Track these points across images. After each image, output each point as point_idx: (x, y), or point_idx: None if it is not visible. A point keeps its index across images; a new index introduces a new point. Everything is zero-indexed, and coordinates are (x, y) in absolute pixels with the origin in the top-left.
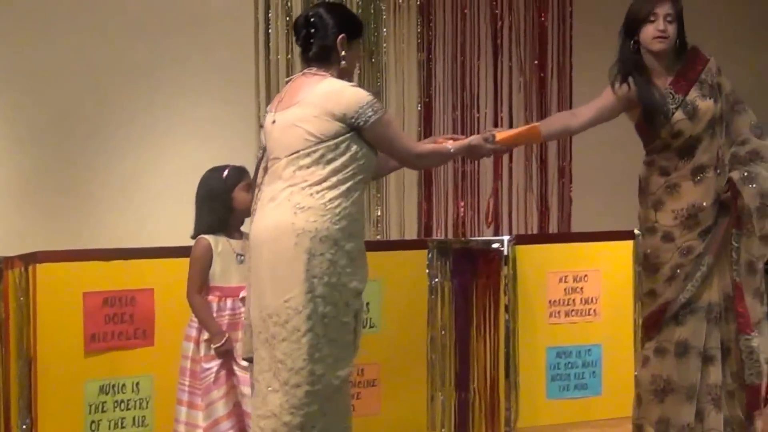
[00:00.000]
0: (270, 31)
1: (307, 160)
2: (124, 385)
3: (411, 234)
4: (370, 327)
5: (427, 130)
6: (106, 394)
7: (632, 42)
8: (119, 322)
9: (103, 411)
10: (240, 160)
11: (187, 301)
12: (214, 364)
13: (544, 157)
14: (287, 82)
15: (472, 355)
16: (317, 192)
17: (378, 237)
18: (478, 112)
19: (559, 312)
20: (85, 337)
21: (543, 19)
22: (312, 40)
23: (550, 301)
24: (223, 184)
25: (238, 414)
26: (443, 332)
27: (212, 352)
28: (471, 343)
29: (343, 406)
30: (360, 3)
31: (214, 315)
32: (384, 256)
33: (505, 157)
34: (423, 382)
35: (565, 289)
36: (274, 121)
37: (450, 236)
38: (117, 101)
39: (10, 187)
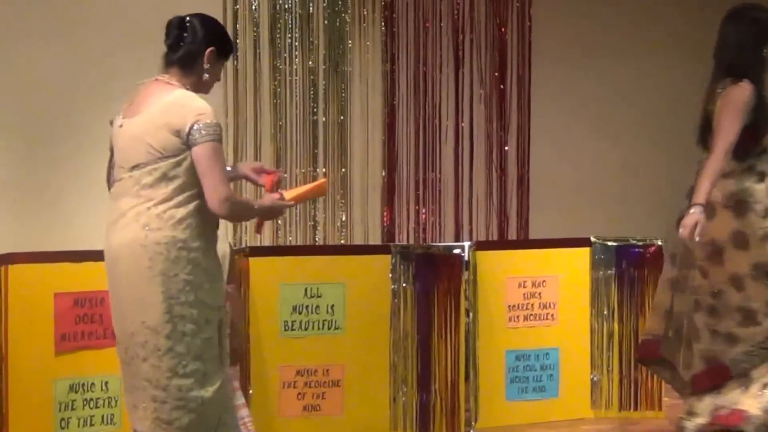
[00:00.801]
0: (238, 41)
1: (149, 179)
2: (93, 383)
3: (374, 239)
4: (335, 329)
5: (390, 138)
6: (76, 392)
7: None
8: (89, 323)
9: (72, 409)
10: None
11: None
12: None
13: (504, 166)
14: (139, 85)
15: (433, 358)
16: (164, 212)
17: (342, 241)
18: (440, 121)
19: (518, 316)
20: (56, 336)
21: (503, 32)
22: (181, 44)
23: (509, 306)
24: None
25: None
26: (405, 335)
27: None
28: (432, 346)
29: (217, 417)
30: (326, 14)
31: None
32: (348, 260)
33: (466, 166)
34: (386, 383)
35: (523, 294)
36: (121, 126)
37: (412, 241)
38: (89, 105)
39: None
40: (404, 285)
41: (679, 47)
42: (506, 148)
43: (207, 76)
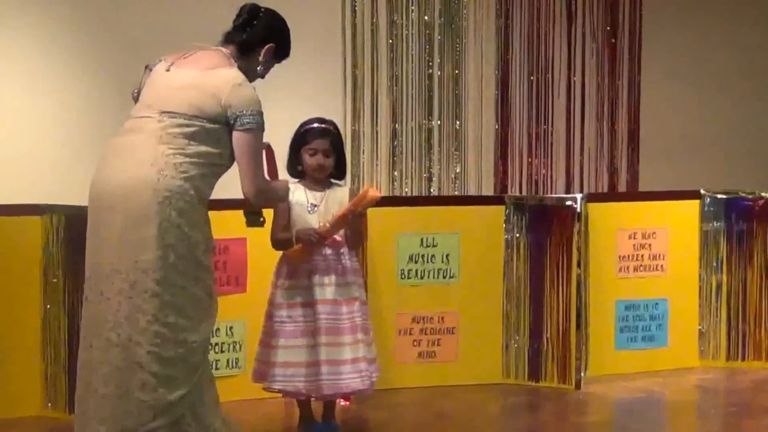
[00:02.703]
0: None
1: (177, 130)
2: (218, 329)
3: (487, 190)
4: (450, 277)
5: (504, 92)
6: None
7: None
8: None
9: None
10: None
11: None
12: (282, 313)
13: (614, 119)
14: (196, 46)
15: (545, 307)
16: (180, 164)
17: (456, 192)
18: (553, 76)
19: (628, 267)
20: None
21: None
22: (248, 29)
23: (619, 257)
24: (294, 141)
25: (307, 364)
26: (518, 284)
27: (285, 300)
28: (544, 295)
29: (189, 372)
30: None
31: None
32: (463, 210)
33: (577, 119)
34: (499, 331)
35: (634, 246)
36: (168, 70)
37: (523, 193)
38: None
39: (95, 140)
40: (517, 235)
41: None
42: (617, 101)
43: (261, 69)
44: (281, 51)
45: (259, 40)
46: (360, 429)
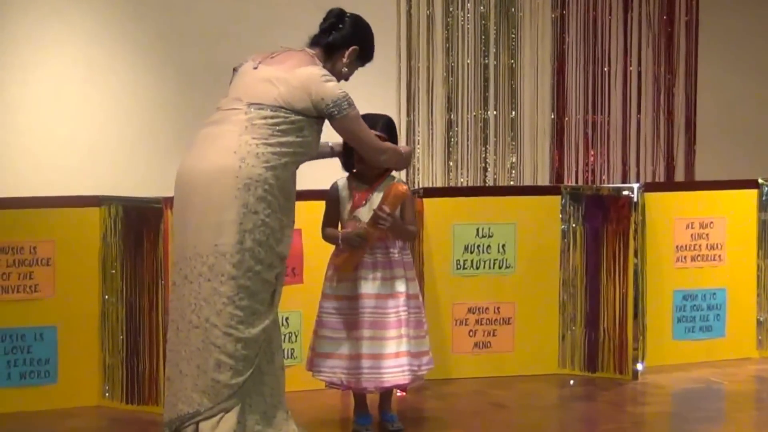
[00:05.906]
0: None
1: (263, 121)
2: None
3: (543, 180)
4: (506, 267)
5: (560, 82)
6: None
7: None
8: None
9: None
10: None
11: None
12: (329, 304)
13: (671, 109)
14: (282, 48)
15: (601, 297)
16: (262, 153)
17: (512, 182)
18: (609, 66)
19: (685, 257)
20: None
21: None
22: (333, 32)
23: (677, 246)
24: None
25: (349, 357)
26: (575, 274)
27: (332, 292)
28: (601, 285)
29: (255, 357)
30: None
31: (339, 254)
32: (519, 200)
33: (634, 109)
34: (555, 321)
35: (691, 235)
36: (255, 68)
37: (579, 183)
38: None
39: (167, 131)
40: (573, 225)
41: None
42: (673, 91)
43: (345, 70)
44: (365, 53)
45: (343, 42)
46: (417, 419)
